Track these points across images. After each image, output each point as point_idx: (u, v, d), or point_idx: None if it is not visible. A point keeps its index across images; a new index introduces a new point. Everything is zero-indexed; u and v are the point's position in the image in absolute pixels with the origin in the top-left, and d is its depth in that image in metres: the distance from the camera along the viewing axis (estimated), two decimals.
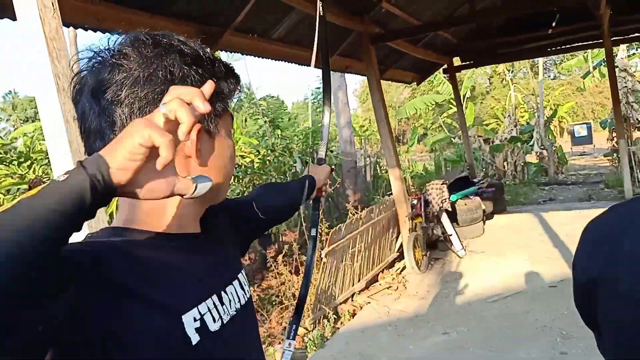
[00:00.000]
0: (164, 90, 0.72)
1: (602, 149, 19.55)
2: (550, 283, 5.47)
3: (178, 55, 0.77)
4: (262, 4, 4.93)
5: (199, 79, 0.78)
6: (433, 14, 8.27)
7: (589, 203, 10.01)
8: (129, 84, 0.74)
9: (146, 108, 0.74)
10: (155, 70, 0.75)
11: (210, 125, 0.81)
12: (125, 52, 0.75)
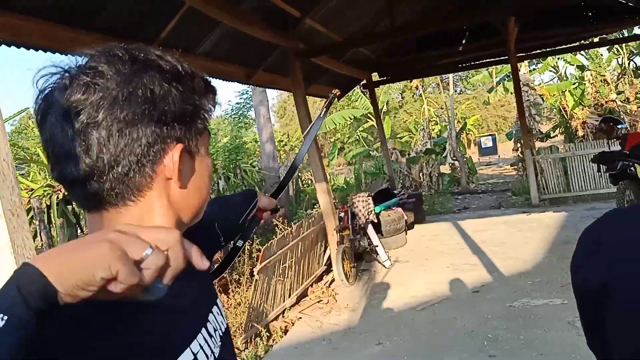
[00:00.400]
0: (144, 110, 0.69)
1: (506, 159, 20.89)
2: (473, 289, 5.73)
3: (157, 72, 0.72)
4: (188, 19, 4.84)
5: (180, 97, 0.73)
6: (354, 30, 8.51)
7: (499, 210, 10.64)
8: (106, 104, 0.67)
9: (126, 130, 0.68)
10: (135, 89, 0.69)
11: (192, 144, 0.76)
12: (100, 69, 0.69)
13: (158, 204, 0.74)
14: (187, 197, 0.77)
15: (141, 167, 0.70)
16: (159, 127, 0.70)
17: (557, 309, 4.83)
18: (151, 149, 0.70)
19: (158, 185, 0.73)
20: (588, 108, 14.70)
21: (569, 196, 10.19)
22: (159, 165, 0.72)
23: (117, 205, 0.72)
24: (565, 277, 5.59)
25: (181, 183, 0.75)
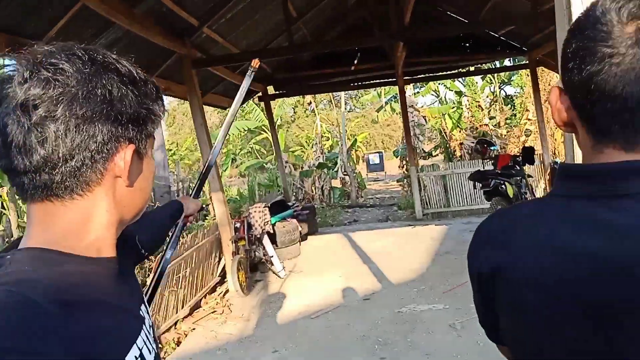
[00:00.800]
0: (102, 109, 0.72)
1: (392, 176, 21.99)
2: (364, 296, 5.99)
3: (115, 75, 0.75)
4: (80, 18, 4.62)
5: (135, 99, 0.76)
6: (251, 42, 8.59)
7: (386, 223, 11.18)
8: (66, 100, 0.69)
9: (83, 126, 0.71)
10: (94, 88, 0.72)
11: (142, 146, 0.80)
12: (62, 67, 0.70)
13: (104, 200, 0.77)
14: (132, 195, 0.81)
15: (94, 163, 0.73)
16: (115, 126, 0.74)
17: (440, 313, 5.20)
18: (105, 147, 0.73)
19: (107, 182, 0.76)
20: (465, 130, 15.94)
21: (449, 211, 11.00)
22: (110, 162, 0.75)
23: (64, 198, 0.74)
24: (446, 284, 6.05)
25: (129, 182, 0.78)
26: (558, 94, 0.79)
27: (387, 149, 32.81)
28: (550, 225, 0.76)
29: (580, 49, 0.72)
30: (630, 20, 0.68)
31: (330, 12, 9.90)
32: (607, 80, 0.69)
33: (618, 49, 0.68)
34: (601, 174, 0.73)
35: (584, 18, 0.73)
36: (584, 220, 0.72)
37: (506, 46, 10.70)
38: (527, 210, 0.85)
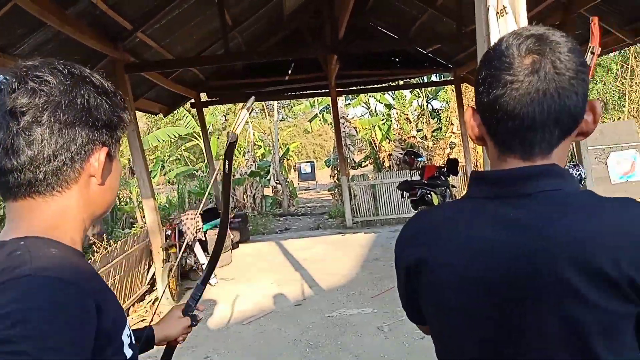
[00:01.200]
0: (81, 116, 0.82)
1: (323, 185, 22.30)
2: (296, 302, 6.11)
3: (92, 86, 0.86)
4: (11, 17, 4.48)
5: (108, 108, 0.87)
6: (185, 49, 8.53)
7: (317, 231, 11.36)
8: (50, 108, 0.80)
9: (65, 130, 0.81)
10: (75, 97, 0.82)
11: (112, 149, 0.91)
12: (46, 79, 0.81)
13: (80, 197, 0.87)
14: (103, 193, 0.91)
15: (73, 163, 0.84)
16: (91, 131, 0.85)
17: (368, 317, 5.40)
18: (83, 149, 0.84)
19: (82, 180, 0.86)
20: (394, 142, 16.47)
21: (378, 219, 11.34)
22: (86, 163, 0.86)
23: (45, 195, 0.83)
24: (375, 290, 6.28)
25: (102, 180, 0.89)
26: (471, 113, 0.95)
27: (318, 158, 33.15)
28: (466, 223, 0.91)
29: (489, 76, 0.88)
30: (527, 54, 0.85)
31: (266, 22, 10.01)
32: (508, 102, 0.85)
33: (517, 77, 0.84)
34: (506, 178, 0.89)
35: (492, 51, 0.90)
36: (493, 217, 0.87)
37: (433, 63, 11.25)
38: (447, 210, 1.00)
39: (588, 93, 0.88)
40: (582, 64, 0.86)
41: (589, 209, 0.83)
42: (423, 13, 9.21)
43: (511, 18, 1.97)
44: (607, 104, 16.74)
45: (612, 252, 0.78)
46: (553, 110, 0.84)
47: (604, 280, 0.78)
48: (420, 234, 1.00)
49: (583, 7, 6.25)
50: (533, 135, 0.86)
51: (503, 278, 0.84)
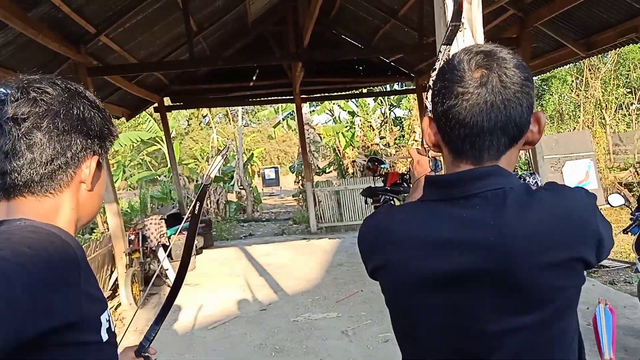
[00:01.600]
0: (77, 125, 0.90)
1: (288, 190, 22.33)
2: (261, 307, 6.14)
3: (86, 100, 0.94)
4: None
5: (101, 121, 0.96)
6: (149, 53, 8.47)
7: (282, 237, 11.40)
8: (50, 115, 0.87)
9: (62, 137, 0.89)
10: (71, 108, 0.90)
11: (102, 158, 0.99)
12: (46, 90, 0.88)
13: (70, 201, 0.94)
14: (91, 199, 0.98)
15: (67, 168, 0.91)
16: (85, 139, 0.92)
17: (333, 321, 5.48)
18: (77, 155, 0.92)
19: (73, 185, 0.94)
20: (357, 149, 16.70)
21: (342, 225, 11.47)
22: (78, 169, 0.93)
23: (38, 195, 0.89)
24: (339, 294, 6.37)
25: (91, 187, 0.96)
26: (428, 122, 1.05)
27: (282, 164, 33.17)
28: (421, 224, 0.99)
29: (442, 88, 0.97)
30: (477, 69, 0.94)
31: (231, 28, 10.04)
32: (460, 111, 0.94)
33: (468, 89, 0.93)
34: (455, 181, 0.98)
35: (446, 65, 0.99)
36: (448, 217, 0.96)
37: (396, 72, 11.49)
38: (400, 213, 1.06)
39: (533, 106, 0.97)
40: (527, 78, 0.95)
41: (529, 202, 0.93)
42: (386, 23, 9.42)
43: (468, 33, 2.11)
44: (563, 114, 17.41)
45: (555, 237, 0.90)
46: (499, 119, 0.93)
47: (553, 264, 0.90)
48: (376, 238, 1.06)
49: (539, 22, 6.54)
50: (482, 142, 0.95)
51: (463, 272, 0.93)
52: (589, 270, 6.55)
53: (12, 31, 4.99)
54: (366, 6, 9.12)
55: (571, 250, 0.92)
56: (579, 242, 0.93)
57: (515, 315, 0.92)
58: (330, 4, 9.46)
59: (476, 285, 0.93)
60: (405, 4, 8.28)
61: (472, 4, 2.14)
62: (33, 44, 5.43)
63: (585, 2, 5.83)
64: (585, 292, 5.35)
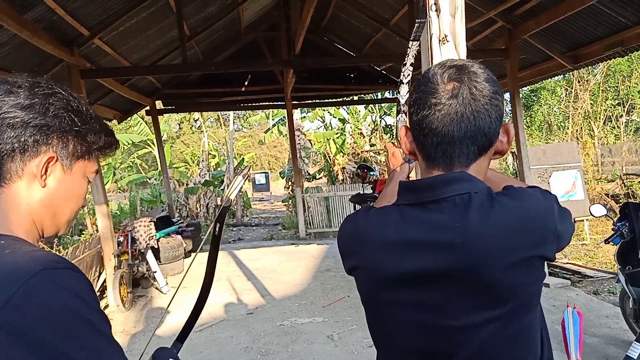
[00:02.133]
0: (33, 118, 0.92)
1: (277, 196, 22.36)
2: (248, 311, 6.18)
3: (61, 102, 0.95)
4: None
5: (68, 122, 0.96)
6: (141, 57, 8.52)
7: (271, 242, 11.44)
8: (10, 104, 0.91)
9: (15, 126, 0.91)
10: (36, 103, 0.92)
11: (64, 160, 0.97)
12: (20, 84, 0.93)
13: (25, 195, 0.94)
14: (50, 199, 0.97)
15: (14, 157, 0.92)
16: (39, 134, 0.93)
17: (319, 326, 5.53)
18: (27, 147, 0.92)
19: (27, 177, 0.93)
20: (347, 156, 16.76)
21: (330, 231, 11.52)
22: (30, 162, 0.93)
23: None
24: (326, 299, 6.43)
25: (44, 183, 0.95)
26: (405, 131, 1.12)
27: (273, 169, 33.20)
28: (394, 227, 1.05)
29: (418, 99, 1.05)
30: (449, 81, 1.01)
31: (224, 34, 10.11)
32: (432, 121, 1.01)
33: (440, 100, 1.00)
34: (425, 186, 1.04)
35: (422, 78, 1.07)
36: (418, 219, 1.03)
37: (387, 80, 11.60)
38: (373, 217, 1.11)
39: (502, 117, 1.05)
40: (496, 92, 1.02)
41: (492, 205, 0.99)
42: (377, 31, 9.53)
43: (451, 46, 2.19)
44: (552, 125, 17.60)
45: (516, 238, 0.98)
46: (469, 129, 1.00)
47: (515, 262, 0.97)
48: (352, 240, 1.13)
49: (527, 34, 6.67)
50: (452, 151, 1.02)
51: (431, 272, 0.99)
52: (573, 281, 6.66)
53: (7, 32, 5.02)
54: (358, 15, 9.23)
55: (531, 249, 0.99)
56: (538, 241, 1.00)
57: (480, 311, 0.99)
58: (322, 12, 9.57)
59: (443, 284, 0.99)
60: (397, 14, 8.39)
61: (455, 17, 2.21)
62: (27, 46, 5.47)
63: (571, 16, 5.96)
64: (569, 301, 5.46)
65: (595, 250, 8.72)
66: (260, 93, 11.61)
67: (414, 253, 1.01)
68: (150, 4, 6.72)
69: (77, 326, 0.79)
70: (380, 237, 1.06)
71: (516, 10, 6.53)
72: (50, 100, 0.94)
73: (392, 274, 1.04)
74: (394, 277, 1.04)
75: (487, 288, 0.98)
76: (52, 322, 0.77)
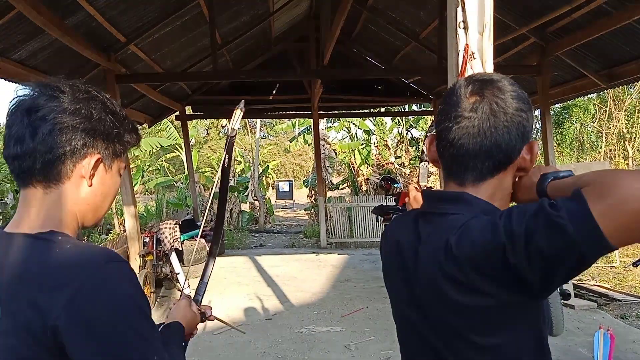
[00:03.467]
0: (80, 123, 0.98)
1: (300, 204, 22.44)
2: (267, 316, 6.25)
3: (101, 104, 1.03)
4: (13, 24, 4.64)
5: (110, 125, 1.03)
6: (174, 63, 8.73)
7: (292, 249, 11.52)
8: (57, 110, 0.97)
9: (64, 131, 0.97)
10: (81, 108, 0.99)
11: (107, 160, 1.05)
12: (62, 89, 0.99)
13: (72, 193, 1.02)
14: (94, 197, 1.05)
15: (65, 160, 0.98)
16: (88, 137, 1.00)
17: (337, 335, 5.56)
18: (78, 150, 0.99)
19: (75, 178, 1.01)
20: (372, 167, 16.76)
21: (352, 241, 11.55)
22: (79, 163, 1.00)
23: (44, 185, 0.99)
24: (344, 309, 6.45)
25: (90, 182, 1.03)
26: (431, 139, 1.17)
27: (297, 178, 33.31)
28: (400, 231, 1.17)
29: (442, 110, 1.09)
30: (471, 95, 1.04)
31: (254, 43, 10.28)
32: (450, 133, 1.05)
33: (462, 113, 1.04)
34: (432, 199, 1.11)
35: (448, 90, 1.12)
36: (415, 227, 1.11)
37: (414, 93, 11.61)
38: (399, 220, 1.26)
39: (527, 135, 1.04)
40: (520, 109, 1.03)
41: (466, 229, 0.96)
42: (407, 44, 9.57)
43: (478, 62, 2.23)
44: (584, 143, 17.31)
45: (473, 258, 0.93)
46: (484, 144, 1.01)
47: (457, 282, 0.96)
48: (383, 238, 1.28)
49: (560, 51, 6.61)
50: (466, 164, 1.05)
51: (408, 276, 1.09)
52: (600, 304, 6.52)
53: (48, 37, 5.23)
54: (388, 27, 9.29)
55: (477, 271, 0.93)
56: (485, 267, 0.93)
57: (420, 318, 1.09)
58: (352, 24, 9.66)
59: (416, 292, 1.08)
60: (426, 28, 8.43)
61: (484, 35, 2.25)
62: (66, 50, 5.67)
63: (606, 34, 5.88)
64: (594, 324, 5.36)
65: (624, 273, 8.53)
66: (287, 102, 11.74)
67: (402, 256, 1.14)
68: (184, 13, 6.90)
69: (136, 313, 0.91)
70: (391, 239, 1.23)
71: (549, 27, 6.48)
72: (92, 105, 1.01)
73: (390, 274, 1.22)
74: (391, 276, 1.22)
75: (422, 305, 1.09)
76: (118, 310, 0.89)
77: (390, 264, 1.19)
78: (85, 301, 0.87)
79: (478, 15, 2.21)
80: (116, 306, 0.89)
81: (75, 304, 0.86)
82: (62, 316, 0.85)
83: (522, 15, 6.51)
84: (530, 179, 1.06)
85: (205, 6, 6.98)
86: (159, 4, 6.37)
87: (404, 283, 1.11)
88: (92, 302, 0.87)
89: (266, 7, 8.48)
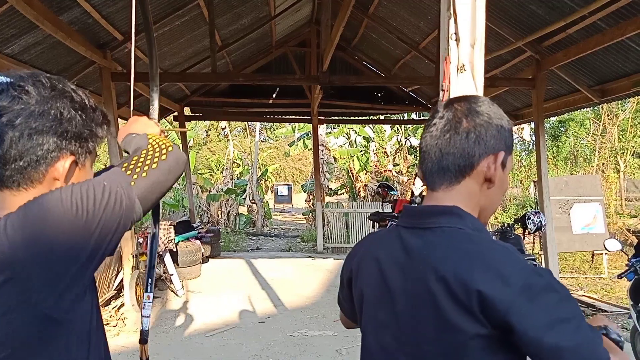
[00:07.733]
0: (52, 126, 0.93)
1: (298, 208, 22.46)
2: (260, 319, 6.26)
3: (69, 101, 0.97)
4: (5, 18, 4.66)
5: (82, 123, 0.99)
6: (172, 64, 8.75)
7: (288, 253, 11.53)
8: (25, 114, 0.91)
9: (34, 136, 0.92)
10: (49, 109, 0.94)
11: (80, 159, 1.01)
12: (27, 89, 0.93)
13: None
14: None
15: (38, 166, 0.94)
16: (60, 139, 0.95)
17: (329, 339, 5.57)
18: (49, 154, 0.95)
19: (47, 182, 0.96)
20: (370, 174, 16.80)
21: (348, 246, 11.54)
22: (52, 167, 0.96)
23: (12, 189, 0.95)
24: (337, 314, 6.44)
25: (65, 184, 0.98)
26: None
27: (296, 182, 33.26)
28: (382, 246, 1.18)
29: (426, 121, 1.16)
30: (444, 108, 1.12)
31: (255, 46, 10.32)
32: (424, 141, 1.13)
33: (435, 123, 1.11)
34: (417, 213, 1.14)
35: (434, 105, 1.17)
36: (400, 242, 1.11)
37: (413, 101, 11.66)
38: (375, 235, 1.28)
39: (489, 145, 1.08)
40: (488, 122, 1.08)
41: (462, 244, 1.03)
42: (407, 53, 9.62)
43: (469, 75, 2.26)
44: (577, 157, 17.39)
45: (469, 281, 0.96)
46: (448, 153, 1.08)
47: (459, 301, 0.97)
48: (355, 254, 1.27)
49: (554, 65, 6.67)
50: (436, 170, 1.10)
51: (398, 291, 1.08)
52: (587, 314, 6.56)
53: (42, 32, 5.20)
54: (388, 36, 9.33)
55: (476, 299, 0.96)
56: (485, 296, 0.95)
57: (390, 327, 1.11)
58: (354, 31, 9.71)
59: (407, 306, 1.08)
60: (426, 38, 8.48)
61: (475, 47, 2.28)
62: (61, 46, 5.68)
63: (600, 50, 5.93)
64: None
65: (612, 284, 8.58)
66: (287, 106, 11.77)
67: (390, 272, 1.13)
68: (184, 13, 6.93)
69: None
70: (370, 254, 1.22)
71: (545, 42, 6.54)
72: (59, 103, 0.95)
73: (372, 290, 1.18)
74: (372, 292, 1.18)
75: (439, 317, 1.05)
76: None
77: (366, 283, 1.17)
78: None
79: (470, 28, 2.24)
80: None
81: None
82: None
83: (518, 28, 6.56)
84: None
85: (205, 7, 7.01)
86: (158, 3, 6.39)
87: (382, 302, 1.12)
88: None
89: (267, 10, 8.52)
